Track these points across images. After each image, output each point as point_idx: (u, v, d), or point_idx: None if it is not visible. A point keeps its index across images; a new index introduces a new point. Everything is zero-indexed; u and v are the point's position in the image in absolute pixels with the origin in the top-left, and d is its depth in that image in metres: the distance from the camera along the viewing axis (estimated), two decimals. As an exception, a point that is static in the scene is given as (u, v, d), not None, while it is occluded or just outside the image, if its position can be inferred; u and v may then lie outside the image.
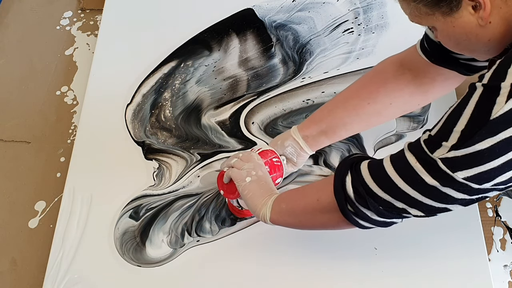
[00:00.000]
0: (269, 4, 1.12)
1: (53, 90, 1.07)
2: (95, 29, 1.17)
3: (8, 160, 0.98)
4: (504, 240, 0.84)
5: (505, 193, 0.88)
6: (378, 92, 0.76)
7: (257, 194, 0.72)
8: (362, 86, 0.78)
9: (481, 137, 0.49)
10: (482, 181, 0.51)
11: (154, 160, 0.92)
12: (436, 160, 0.52)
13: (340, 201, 0.61)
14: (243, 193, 0.73)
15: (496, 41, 0.54)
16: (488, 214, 0.86)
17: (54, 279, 0.81)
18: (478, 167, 0.50)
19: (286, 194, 0.72)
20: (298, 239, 0.82)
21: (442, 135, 0.52)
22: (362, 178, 0.59)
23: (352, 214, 0.61)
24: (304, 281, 0.79)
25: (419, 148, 0.54)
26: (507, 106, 0.47)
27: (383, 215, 0.59)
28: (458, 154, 0.50)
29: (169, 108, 0.99)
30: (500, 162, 0.49)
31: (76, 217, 0.86)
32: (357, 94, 0.77)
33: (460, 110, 0.51)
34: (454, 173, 0.51)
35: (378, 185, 0.58)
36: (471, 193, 0.53)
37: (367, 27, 1.06)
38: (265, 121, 0.96)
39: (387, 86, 0.76)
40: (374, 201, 0.58)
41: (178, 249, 0.83)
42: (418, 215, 0.58)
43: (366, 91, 0.77)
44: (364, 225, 0.62)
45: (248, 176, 0.73)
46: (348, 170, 0.61)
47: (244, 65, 1.03)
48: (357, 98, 0.77)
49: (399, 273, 0.79)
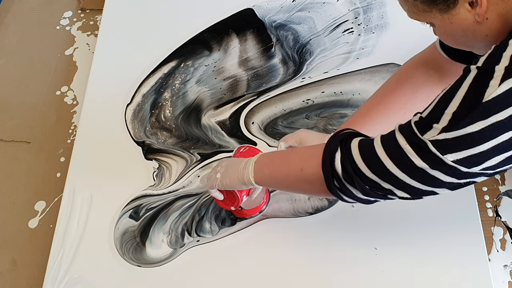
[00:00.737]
0: (269, 4, 1.12)
1: (53, 90, 1.07)
2: (95, 29, 1.17)
3: (8, 160, 0.98)
4: (504, 240, 0.84)
5: (505, 193, 0.88)
6: (413, 99, 0.75)
7: (232, 172, 0.72)
8: (395, 95, 0.77)
9: (472, 120, 0.49)
10: (471, 164, 0.51)
11: (154, 160, 0.92)
12: (426, 142, 0.52)
13: (327, 176, 0.61)
14: (224, 185, 0.73)
15: (493, 37, 0.54)
16: (488, 214, 0.86)
17: (54, 279, 0.81)
18: (468, 150, 0.50)
19: (268, 158, 0.71)
20: (298, 239, 0.83)
21: (433, 117, 0.52)
22: (351, 156, 0.59)
23: (337, 189, 0.61)
24: (304, 280, 0.79)
25: (409, 130, 0.54)
26: (500, 89, 0.47)
27: (368, 194, 0.59)
28: (449, 137, 0.50)
29: (169, 108, 0.99)
30: (490, 146, 0.49)
31: (76, 217, 0.86)
32: (393, 104, 0.76)
33: (453, 92, 0.51)
34: (444, 156, 0.51)
35: (366, 165, 0.57)
36: (460, 176, 0.53)
37: (367, 27, 1.06)
38: (265, 121, 0.96)
39: (420, 92, 0.75)
40: (361, 180, 0.58)
41: (178, 249, 0.83)
42: (404, 197, 0.58)
43: (402, 101, 0.76)
44: (347, 200, 0.62)
45: (217, 173, 0.74)
46: (338, 146, 0.61)
47: (244, 65, 1.03)
48: (394, 108, 0.76)
49: (399, 273, 0.79)
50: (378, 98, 0.78)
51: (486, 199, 0.87)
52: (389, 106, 0.76)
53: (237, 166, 0.72)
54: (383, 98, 0.78)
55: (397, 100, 0.76)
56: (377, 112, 0.77)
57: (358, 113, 0.79)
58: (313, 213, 0.85)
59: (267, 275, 0.80)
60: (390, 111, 0.76)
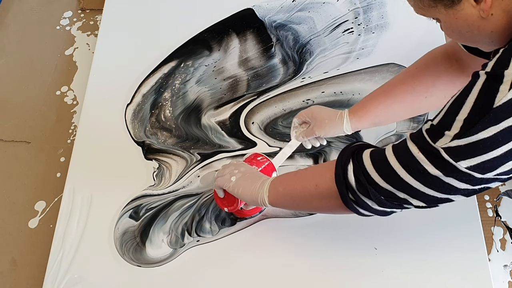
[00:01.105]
0: (269, 4, 1.12)
1: (53, 90, 1.07)
2: (95, 29, 1.17)
3: (8, 160, 0.98)
4: (504, 240, 0.84)
5: (505, 193, 0.88)
6: (434, 86, 0.75)
7: (247, 185, 0.72)
8: (417, 80, 0.76)
9: (484, 126, 0.48)
10: (485, 170, 0.51)
11: (154, 160, 0.92)
12: (438, 149, 0.52)
13: (342, 189, 0.61)
14: (235, 192, 0.73)
15: (498, 32, 0.54)
16: (488, 214, 0.86)
17: (54, 279, 0.81)
18: (481, 156, 0.50)
19: (283, 177, 0.72)
20: (298, 239, 0.83)
21: (445, 124, 0.52)
22: (364, 167, 0.59)
23: (352, 202, 0.61)
24: (304, 280, 0.79)
25: (421, 138, 0.54)
26: (510, 94, 0.47)
27: (384, 205, 0.59)
28: (461, 143, 0.50)
29: (169, 108, 0.99)
30: (503, 151, 0.49)
31: (76, 217, 0.86)
32: (414, 88, 0.76)
33: (463, 98, 0.51)
34: (457, 163, 0.51)
35: (380, 175, 0.57)
36: (474, 183, 0.52)
37: (367, 27, 1.06)
38: (265, 121, 0.96)
39: (441, 80, 0.75)
40: (375, 190, 0.58)
41: (178, 249, 0.83)
42: (419, 205, 0.58)
43: (423, 86, 0.75)
44: (363, 213, 0.62)
45: (232, 176, 0.74)
46: (350, 158, 0.61)
47: (244, 65, 1.03)
48: (414, 93, 0.75)
49: (399, 273, 0.79)
50: (397, 81, 0.78)
51: (486, 199, 0.87)
52: (407, 90, 0.76)
53: (254, 182, 0.72)
54: (401, 82, 0.77)
55: (416, 85, 0.76)
56: (394, 95, 0.77)
57: (373, 94, 0.78)
58: (313, 213, 0.85)
59: (267, 275, 0.80)
60: (412, 95, 0.76)
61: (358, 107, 0.78)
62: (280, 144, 0.92)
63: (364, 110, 0.77)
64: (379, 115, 0.77)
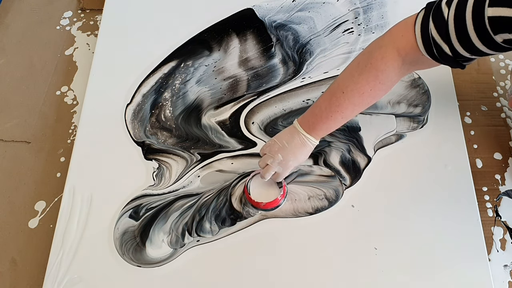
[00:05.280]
0: (269, 4, 1.12)
1: (53, 90, 1.07)
2: (95, 29, 1.16)
3: (8, 160, 0.98)
4: (504, 240, 0.84)
5: (505, 193, 0.88)
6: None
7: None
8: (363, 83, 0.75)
9: None
10: None
11: (154, 160, 0.92)
12: None
13: None
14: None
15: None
16: (488, 214, 0.86)
17: (54, 279, 0.81)
18: None
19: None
20: (298, 239, 0.83)
21: None
22: None
23: None
24: (303, 280, 0.79)
25: None
26: None
27: None
28: None
29: (169, 108, 0.99)
30: None
31: (76, 217, 0.86)
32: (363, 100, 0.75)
33: None
34: None
35: None
36: None
37: (367, 27, 1.06)
38: (265, 121, 0.96)
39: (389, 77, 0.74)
40: None
41: (178, 249, 0.83)
42: None
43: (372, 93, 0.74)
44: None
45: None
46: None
47: (244, 65, 1.03)
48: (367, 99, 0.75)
49: (399, 273, 0.79)
50: (350, 87, 0.76)
51: (486, 199, 0.87)
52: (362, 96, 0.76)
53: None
54: (356, 89, 0.76)
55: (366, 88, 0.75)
56: (355, 105, 0.76)
57: (333, 104, 0.76)
58: (313, 213, 0.85)
59: (267, 275, 0.80)
60: (363, 100, 0.75)
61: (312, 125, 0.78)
62: (280, 144, 0.92)
63: (319, 123, 0.77)
64: (336, 126, 0.78)
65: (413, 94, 0.96)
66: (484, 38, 0.59)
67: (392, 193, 0.86)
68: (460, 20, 0.60)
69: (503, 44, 0.59)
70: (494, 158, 0.92)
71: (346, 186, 0.87)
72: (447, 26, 0.62)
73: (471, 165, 0.88)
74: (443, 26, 0.62)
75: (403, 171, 0.88)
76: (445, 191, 0.85)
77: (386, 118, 0.94)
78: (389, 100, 0.96)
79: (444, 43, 0.64)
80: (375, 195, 0.86)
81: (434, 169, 0.88)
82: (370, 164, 0.89)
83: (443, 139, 0.91)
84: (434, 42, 0.65)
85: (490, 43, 0.60)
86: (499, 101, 0.99)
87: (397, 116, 0.94)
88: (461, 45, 0.62)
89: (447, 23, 0.62)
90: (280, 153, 0.79)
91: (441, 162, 0.88)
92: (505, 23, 0.56)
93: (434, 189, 0.86)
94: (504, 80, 1.02)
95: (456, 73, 1.00)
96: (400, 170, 0.88)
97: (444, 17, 0.62)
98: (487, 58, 1.04)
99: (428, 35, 0.65)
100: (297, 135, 0.78)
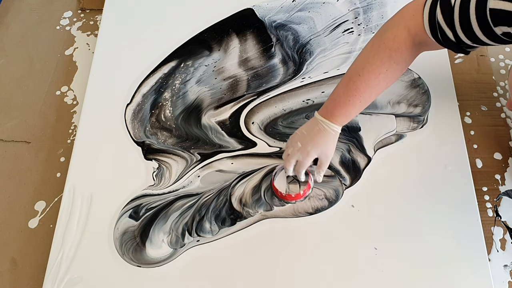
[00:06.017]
0: (269, 4, 1.12)
1: (53, 90, 1.07)
2: (95, 29, 1.16)
3: (8, 160, 0.98)
4: (504, 240, 0.84)
5: (505, 193, 0.88)
6: None
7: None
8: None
9: None
10: None
11: (154, 160, 0.92)
12: None
13: None
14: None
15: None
16: (488, 214, 0.86)
17: (54, 279, 0.81)
18: None
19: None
20: (298, 239, 0.83)
21: None
22: None
23: None
24: (303, 281, 0.79)
25: None
26: None
27: None
28: None
29: (169, 108, 0.99)
30: None
31: (76, 217, 0.86)
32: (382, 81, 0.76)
33: None
34: None
35: None
36: None
37: (367, 27, 1.06)
38: (265, 121, 0.96)
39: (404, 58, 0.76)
40: None
41: (178, 249, 0.83)
42: None
43: None
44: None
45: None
46: None
47: (244, 65, 1.03)
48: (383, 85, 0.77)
49: (399, 273, 0.79)
50: (370, 77, 0.78)
51: (486, 199, 0.87)
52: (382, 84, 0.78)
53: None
54: (375, 78, 0.78)
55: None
56: (374, 93, 0.78)
57: (354, 92, 0.78)
58: (313, 213, 0.85)
59: (267, 275, 0.80)
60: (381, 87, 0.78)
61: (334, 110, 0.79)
62: (280, 144, 0.92)
63: (343, 111, 0.78)
64: (356, 113, 0.79)
65: (413, 94, 0.96)
66: (485, 28, 0.61)
67: (392, 193, 0.86)
68: (465, 8, 0.62)
69: (503, 36, 0.61)
70: (494, 158, 0.92)
71: (346, 186, 0.87)
72: (452, 12, 0.63)
73: (471, 165, 0.88)
74: (448, 12, 0.64)
75: (403, 171, 0.88)
76: (445, 191, 0.85)
77: (386, 118, 0.94)
78: (389, 100, 0.96)
79: (448, 29, 0.65)
80: (375, 195, 0.86)
81: (434, 169, 0.88)
82: (370, 164, 0.89)
83: (443, 139, 0.91)
84: (439, 27, 0.66)
85: (490, 34, 0.62)
86: (499, 101, 0.99)
87: (397, 116, 0.94)
88: (463, 32, 0.64)
89: (453, 10, 0.63)
90: (299, 141, 0.81)
91: (441, 162, 0.88)
92: (504, 16, 0.57)
93: (434, 189, 0.86)
94: (504, 80, 1.02)
95: (456, 73, 1.00)
96: (400, 170, 0.88)
97: (451, 4, 0.64)
98: (487, 58, 1.04)
99: (435, 19, 0.66)
100: (316, 123, 0.80)
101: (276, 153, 0.92)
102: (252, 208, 0.86)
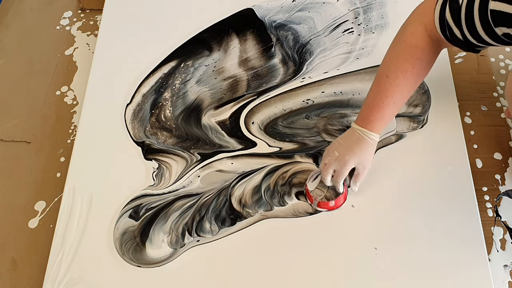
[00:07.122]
0: (269, 4, 1.12)
1: (53, 90, 1.07)
2: (95, 29, 1.16)
3: (8, 160, 0.98)
4: (504, 240, 0.84)
5: (505, 193, 0.88)
6: None
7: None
8: None
9: None
10: None
11: (154, 160, 0.92)
12: None
13: None
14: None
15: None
16: (488, 214, 0.86)
17: (54, 279, 0.81)
18: None
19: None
20: (298, 239, 0.83)
21: None
22: None
23: None
24: (303, 281, 0.79)
25: None
26: None
27: None
28: None
29: (169, 108, 0.99)
30: None
31: (76, 217, 0.86)
32: None
33: None
34: None
35: None
36: None
37: (367, 27, 1.06)
38: (265, 121, 0.96)
39: None
40: None
41: (178, 249, 0.83)
42: None
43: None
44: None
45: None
46: None
47: (244, 65, 1.03)
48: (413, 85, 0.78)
49: (399, 273, 0.79)
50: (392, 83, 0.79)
51: (486, 199, 0.87)
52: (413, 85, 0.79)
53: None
54: (406, 82, 0.78)
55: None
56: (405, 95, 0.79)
57: (387, 101, 0.78)
58: (313, 213, 0.85)
59: (267, 275, 0.80)
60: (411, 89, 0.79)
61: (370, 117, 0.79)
62: (280, 144, 0.92)
63: (380, 120, 0.79)
64: (390, 118, 0.80)
65: (413, 94, 0.96)
66: (487, 29, 0.62)
67: (392, 193, 0.86)
68: (470, 8, 0.63)
69: (503, 37, 0.62)
70: (494, 158, 0.92)
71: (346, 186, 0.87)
72: (459, 12, 0.64)
73: (471, 165, 0.88)
74: (456, 11, 0.65)
75: (403, 171, 0.88)
76: (445, 191, 0.85)
77: (386, 118, 0.94)
78: (389, 100, 0.96)
79: (456, 28, 0.66)
80: (375, 195, 0.86)
81: (434, 169, 0.88)
82: (370, 164, 0.89)
83: (443, 139, 0.91)
84: (447, 25, 0.67)
85: (492, 35, 0.63)
86: (499, 101, 0.99)
87: (397, 116, 0.94)
88: (469, 32, 0.65)
89: (460, 9, 0.64)
90: (336, 150, 0.81)
91: (441, 162, 0.88)
92: (504, 17, 0.58)
93: (434, 189, 0.86)
94: (504, 80, 1.02)
95: (456, 73, 1.00)
96: (400, 170, 0.88)
97: (459, 3, 0.64)
98: (487, 58, 1.04)
99: (444, 18, 0.67)
100: (353, 133, 0.80)
101: (276, 153, 0.92)
102: (252, 208, 0.86)
